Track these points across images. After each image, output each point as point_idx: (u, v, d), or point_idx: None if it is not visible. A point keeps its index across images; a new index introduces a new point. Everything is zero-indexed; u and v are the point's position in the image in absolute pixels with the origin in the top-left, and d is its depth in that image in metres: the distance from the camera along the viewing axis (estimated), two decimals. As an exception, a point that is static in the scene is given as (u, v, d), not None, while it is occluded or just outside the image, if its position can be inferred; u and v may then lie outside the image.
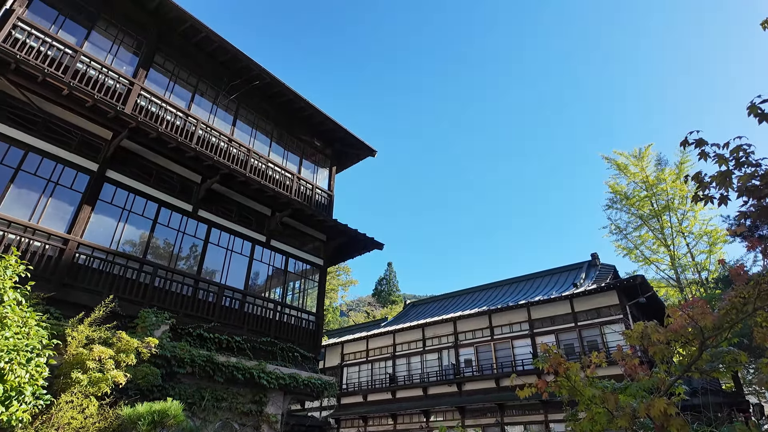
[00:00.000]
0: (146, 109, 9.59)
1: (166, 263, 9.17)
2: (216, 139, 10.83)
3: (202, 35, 10.61)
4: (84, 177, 8.26)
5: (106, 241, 8.32)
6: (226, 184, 10.22)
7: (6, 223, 7.04)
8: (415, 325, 24.08)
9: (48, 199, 7.72)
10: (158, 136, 8.74)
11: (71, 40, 8.86)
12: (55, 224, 7.68)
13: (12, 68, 7.30)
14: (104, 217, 8.41)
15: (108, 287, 7.90)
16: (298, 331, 11.22)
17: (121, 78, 9.33)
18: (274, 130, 12.68)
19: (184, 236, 9.60)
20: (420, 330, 24.31)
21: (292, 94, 12.24)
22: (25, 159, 7.63)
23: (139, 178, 9.10)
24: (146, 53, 10.03)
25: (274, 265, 11.49)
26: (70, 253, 7.59)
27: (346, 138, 14.07)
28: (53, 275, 7.33)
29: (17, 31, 7.99)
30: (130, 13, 9.96)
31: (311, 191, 13.01)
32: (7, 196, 7.23)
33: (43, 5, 8.66)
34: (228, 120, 11.47)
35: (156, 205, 9.21)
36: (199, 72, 11.07)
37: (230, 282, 10.11)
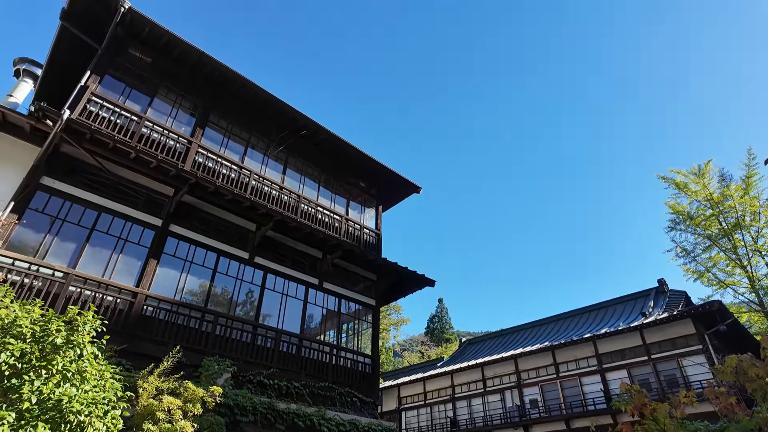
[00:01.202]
0: (204, 164, 10.19)
1: (225, 310, 9.42)
2: (268, 188, 11.26)
3: (251, 92, 11.28)
4: (150, 232, 8.78)
5: (171, 292, 8.69)
6: (279, 230, 10.53)
7: (83, 280, 7.53)
8: (473, 364, 23.10)
9: (119, 255, 8.23)
10: (216, 190, 9.22)
11: (136, 108, 9.67)
12: (125, 279, 8.14)
13: (87, 138, 8.03)
14: (168, 269, 8.83)
15: (173, 337, 8.17)
16: (354, 374, 11.05)
17: (181, 138, 10.01)
18: (321, 175, 13.05)
19: (241, 283, 9.87)
20: (479, 369, 23.28)
21: (336, 139, 12.64)
22: (98, 219, 8.23)
23: (199, 230, 9.55)
24: (202, 113, 10.76)
25: (327, 307, 11.53)
26: (139, 305, 7.97)
27: (391, 177, 14.24)
28: (124, 328, 7.68)
29: (91, 105, 8.83)
30: (187, 79, 10.79)
31: (359, 231, 13.13)
32: (83, 255, 7.78)
33: (112, 80, 9.57)
34: (278, 169, 11.95)
35: (215, 254, 9.59)
36: (250, 126, 11.70)
37: (286, 326, 10.20)
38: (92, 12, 9.22)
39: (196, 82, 10.91)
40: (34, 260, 7.23)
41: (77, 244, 7.86)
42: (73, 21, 9.36)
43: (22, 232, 7.41)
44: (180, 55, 10.43)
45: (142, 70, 10.07)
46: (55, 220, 7.78)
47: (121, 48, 9.75)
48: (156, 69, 10.28)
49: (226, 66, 10.60)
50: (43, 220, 7.67)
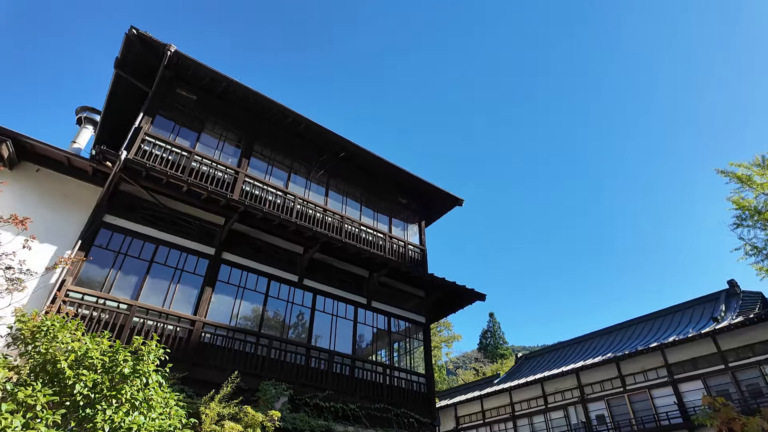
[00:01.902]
0: (251, 193, 10.53)
1: (278, 334, 9.56)
2: (312, 211, 11.46)
3: (290, 120, 11.61)
4: (204, 261, 9.11)
5: (226, 318, 8.93)
6: (325, 251, 10.65)
7: (145, 311, 7.89)
8: (532, 380, 22.13)
9: (176, 285, 8.58)
10: (263, 216, 9.48)
11: (186, 143, 10.19)
12: (183, 307, 8.45)
13: (143, 176, 8.51)
14: (223, 296, 9.09)
15: (230, 362, 8.35)
16: (409, 394, 10.85)
17: (228, 169, 10.42)
18: (363, 194, 13.16)
19: (292, 306, 10.02)
20: (539, 385, 22.27)
21: (375, 159, 12.75)
22: (157, 252, 8.64)
23: (250, 256, 9.82)
24: (246, 144, 11.18)
25: (376, 326, 11.46)
26: (197, 333, 8.23)
27: (431, 192, 14.15)
28: (185, 355, 7.93)
29: (145, 144, 9.38)
30: (230, 113, 11.28)
31: (404, 248, 13.06)
32: (145, 287, 8.17)
33: (163, 119, 10.14)
34: (321, 192, 12.16)
35: (266, 279, 9.81)
36: (292, 153, 12.02)
37: (338, 347, 10.21)
38: (142, 58, 9.87)
39: (239, 115, 11.38)
40: (101, 294, 7.66)
41: (139, 276, 8.27)
42: (125, 68, 10.06)
43: (90, 268, 7.87)
44: (222, 92, 10.94)
45: (189, 107, 10.63)
46: (117, 255, 8.24)
47: (169, 89, 10.36)
48: (202, 106, 10.82)
49: (266, 97, 11.00)
50: (107, 255, 8.14)
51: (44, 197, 8.08)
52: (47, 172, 8.32)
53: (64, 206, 8.21)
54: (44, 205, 7.96)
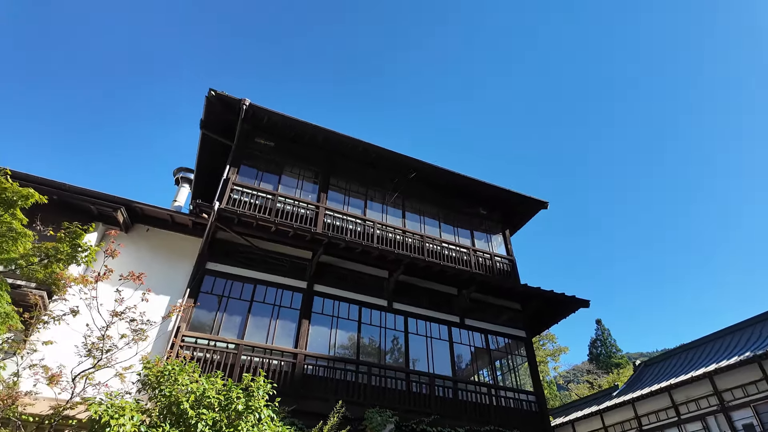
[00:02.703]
0: (332, 224, 10.88)
1: (375, 360, 9.59)
2: (392, 234, 11.53)
3: (360, 149, 11.92)
4: (298, 295, 9.50)
5: (324, 348, 9.16)
6: (410, 273, 10.60)
7: (251, 348, 8.35)
8: (657, 389, 19.84)
9: (276, 320, 9.01)
10: (346, 246, 9.72)
11: (269, 187, 10.85)
12: (284, 342, 8.82)
13: (235, 222, 9.17)
14: (319, 327, 9.37)
15: (334, 392, 8.49)
16: (519, 414, 10.22)
17: (309, 205, 10.89)
18: (440, 211, 13.01)
19: (385, 331, 10.03)
20: (666, 395, 19.88)
21: (446, 174, 12.61)
22: (255, 291, 9.18)
23: (339, 286, 10.07)
24: (323, 179, 11.64)
25: (474, 344, 11.06)
26: (300, 365, 8.51)
27: (512, 198, 13.61)
28: (290, 388, 8.21)
29: (234, 193, 10.14)
30: (306, 152, 11.85)
31: (490, 261, 12.59)
32: (248, 325, 8.68)
33: (247, 168, 10.93)
34: (397, 214, 12.23)
35: (357, 306, 9.97)
36: (366, 180, 12.28)
37: (437, 369, 9.97)
38: (223, 116, 10.80)
39: (313, 153, 11.92)
40: (212, 336, 8.26)
41: (242, 316, 8.82)
42: (209, 127, 11.06)
43: (199, 313, 8.55)
44: (295, 135, 11.57)
45: (268, 153, 11.37)
46: (221, 298, 8.88)
47: (248, 139, 11.18)
48: (279, 150, 11.52)
49: (335, 132, 11.44)
50: (212, 300, 8.81)
51: (155, 253, 9.01)
52: (155, 231, 9.31)
53: (172, 259, 9.08)
54: (155, 259, 8.87)
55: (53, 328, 6.32)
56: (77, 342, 6.22)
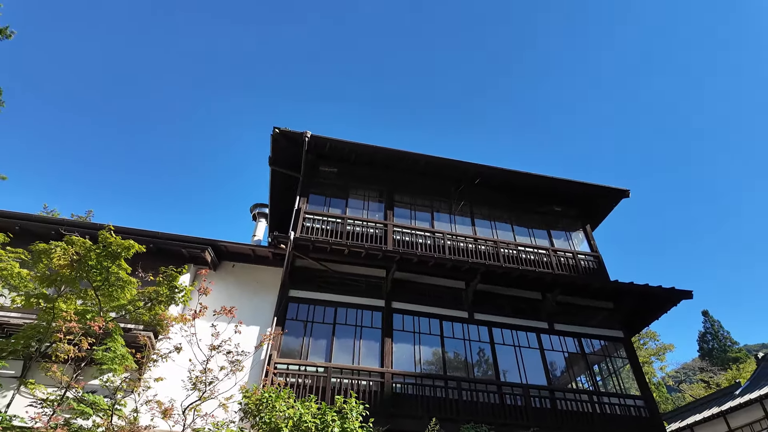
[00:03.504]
0: (402, 240, 10.91)
1: (463, 374, 9.36)
2: (463, 244, 11.32)
3: (421, 163, 11.93)
4: (377, 314, 9.59)
5: (410, 365, 9.10)
6: (487, 281, 10.31)
7: (339, 370, 8.52)
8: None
9: (359, 341, 9.14)
10: (418, 260, 9.69)
11: (337, 211, 11.17)
12: (369, 361, 8.90)
13: (311, 249, 9.51)
14: (402, 344, 9.35)
15: (425, 410, 8.37)
16: (626, 421, 9.42)
17: (377, 224, 11.04)
18: (511, 214, 12.58)
19: (470, 343, 9.78)
20: (801, 389, 17.39)
21: (511, 175, 12.23)
22: (336, 313, 9.41)
23: (417, 301, 10.02)
24: (387, 197, 11.77)
25: (566, 350, 10.44)
26: (388, 384, 8.52)
27: (588, 191, 12.86)
28: (381, 408, 8.22)
29: (306, 222, 10.54)
30: (368, 173, 12.07)
31: (573, 260, 11.90)
32: (334, 348, 8.88)
33: (315, 196, 11.34)
34: (466, 222, 12.00)
35: (437, 320, 9.84)
36: (430, 192, 12.23)
37: (530, 380, 9.51)
38: (288, 150, 11.35)
39: (375, 173, 12.11)
40: (301, 361, 8.55)
41: (327, 339, 9.05)
42: (277, 163, 11.67)
43: (287, 340, 8.90)
44: (356, 158, 11.87)
45: (332, 179, 11.74)
46: (306, 324, 9.19)
47: (313, 168, 11.63)
48: (343, 175, 11.85)
49: (394, 149, 11.58)
50: (298, 326, 9.14)
51: (242, 286, 9.57)
52: (240, 265, 9.91)
53: (258, 290, 9.59)
54: (243, 292, 9.41)
55: (162, 365, 6.88)
56: (183, 376, 6.71)
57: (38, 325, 6.35)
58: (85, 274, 6.48)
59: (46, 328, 6.26)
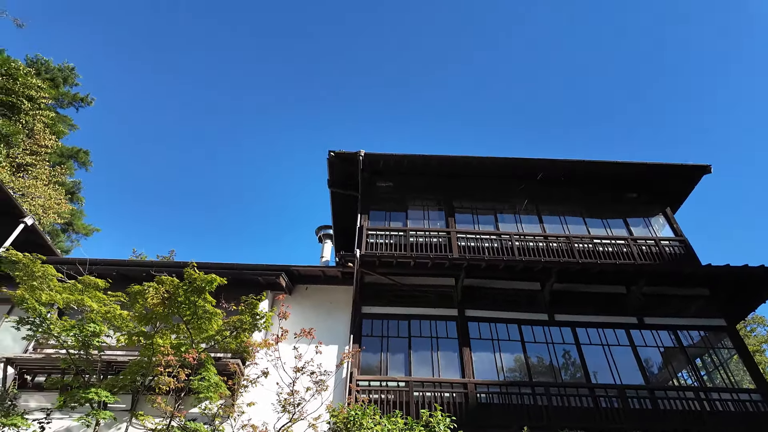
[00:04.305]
0: (467, 246, 10.69)
1: (550, 379, 8.94)
2: (533, 243, 10.89)
3: (475, 165, 11.71)
4: (452, 324, 9.44)
5: (492, 374, 8.84)
6: (564, 280, 9.83)
7: (420, 383, 8.45)
8: None
9: (437, 352, 9.03)
10: (487, 265, 9.46)
11: (398, 224, 11.22)
12: (450, 373, 8.76)
13: (377, 264, 9.60)
14: (481, 352, 9.12)
15: (514, 418, 8.06)
16: (739, 418, 8.48)
17: (440, 233, 10.93)
18: (580, 206, 11.94)
19: (553, 346, 9.34)
20: None
21: (576, 164, 11.66)
22: (410, 326, 9.38)
23: (491, 307, 9.75)
24: (446, 204, 11.64)
25: (662, 345, 9.66)
26: (472, 394, 8.32)
27: (662, 171, 11.96)
28: (467, 419, 8.02)
29: (369, 238, 10.67)
30: (424, 182, 12.04)
31: (656, 246, 11.04)
32: (412, 362, 8.84)
33: (375, 212, 11.47)
34: (533, 221, 11.56)
35: (515, 325, 9.50)
36: (491, 195, 11.94)
37: (625, 380, 8.88)
38: (345, 171, 11.64)
39: (431, 181, 12.06)
40: (382, 377, 8.58)
41: (404, 353, 9.03)
42: (336, 185, 11.98)
43: (365, 357, 8.98)
44: (411, 169, 11.88)
45: (390, 194, 11.84)
46: (382, 339, 9.24)
47: (370, 185, 11.79)
48: (399, 188, 11.92)
49: (447, 155, 11.50)
50: (374, 341, 9.21)
51: (316, 307, 9.84)
52: (313, 287, 10.21)
53: (331, 310, 9.82)
54: (318, 313, 9.66)
55: (252, 390, 7.21)
56: (272, 399, 6.98)
57: (141, 360, 6.90)
58: (175, 309, 6.98)
59: (148, 363, 6.79)
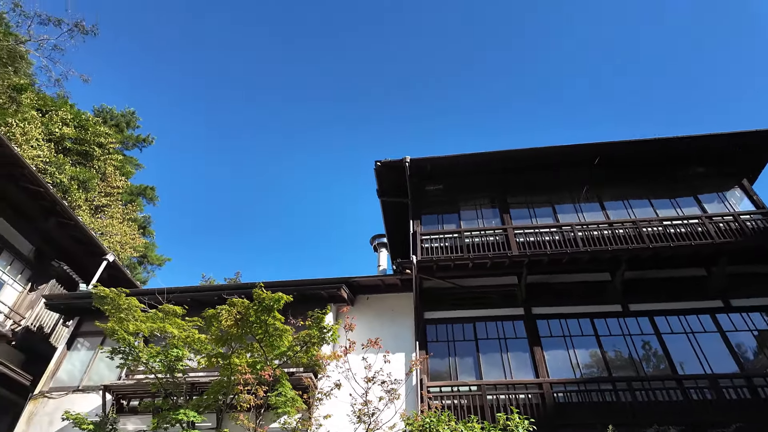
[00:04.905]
0: (525, 242, 10.32)
1: (631, 373, 8.46)
2: (596, 232, 10.31)
3: (527, 157, 11.33)
4: (519, 323, 9.21)
5: (568, 372, 8.50)
6: (635, 267, 9.33)
7: (492, 386, 8.28)
8: None
9: (506, 353, 8.83)
10: (549, 259, 9.15)
11: (452, 226, 11.08)
12: (522, 373, 8.52)
13: (434, 269, 9.57)
14: (553, 350, 8.81)
15: (595, 417, 7.68)
16: None
17: (495, 231, 10.64)
18: (644, 188, 11.24)
19: (631, 338, 8.85)
20: None
21: (637, 144, 11.00)
22: (476, 329, 9.24)
23: (559, 303, 9.41)
24: (500, 201, 11.36)
25: (755, 328, 8.89)
26: (549, 394, 8.04)
27: (730, 142, 11.02)
28: (545, 420, 7.73)
29: (424, 243, 10.59)
30: (474, 181, 11.81)
31: (735, 222, 10.13)
32: (482, 364, 8.70)
33: (427, 216, 11.43)
34: (594, 208, 11.02)
35: (587, 319, 9.11)
36: (546, 187, 11.47)
37: (716, 368, 8.25)
38: (392, 179, 11.70)
39: (481, 180, 11.79)
40: (452, 382, 8.51)
41: (472, 356, 8.91)
42: (385, 194, 12.07)
43: (433, 362, 8.94)
44: (458, 169, 11.73)
45: (440, 197, 11.76)
46: (448, 343, 9.17)
47: (419, 190, 11.75)
48: (449, 189, 11.80)
49: (495, 151, 11.23)
50: (440, 347, 9.16)
51: (379, 317, 9.92)
52: (373, 297, 10.33)
53: (394, 318, 9.86)
54: (381, 322, 9.74)
55: (326, 403, 7.38)
56: (346, 411, 7.10)
57: (221, 380, 7.28)
58: (248, 329, 7.31)
59: (228, 382, 7.14)
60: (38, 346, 11.41)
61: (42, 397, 9.28)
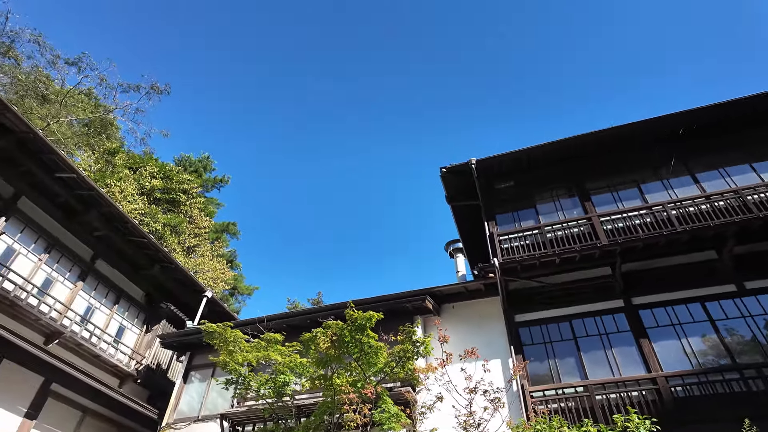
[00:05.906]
0: (613, 229, 9.68)
1: (759, 358, 7.62)
2: (692, 208, 9.45)
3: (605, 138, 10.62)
4: (619, 315, 8.68)
5: (683, 363, 7.85)
6: (744, 241, 8.46)
7: (600, 385, 7.82)
8: None
9: (610, 350, 8.33)
10: (644, 244, 8.56)
11: (530, 223, 10.67)
12: (631, 369, 7.99)
13: (519, 269, 9.30)
14: (663, 341, 8.18)
15: (723, 410, 7.01)
16: None
17: (579, 221, 10.08)
18: (741, 152, 10.12)
19: (752, 319, 8.00)
20: None
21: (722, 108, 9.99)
22: (573, 327, 8.83)
23: (661, 289, 8.74)
24: (578, 189, 10.77)
25: None
26: (665, 389, 7.46)
27: None
28: (664, 417, 7.14)
29: (503, 243, 10.24)
30: (547, 172, 11.29)
31: None
32: (585, 363, 8.27)
33: (501, 215, 11.09)
34: (686, 182, 10.12)
35: (697, 303, 8.38)
36: (628, 167, 10.69)
37: None
38: (460, 183, 11.59)
39: (555, 169, 11.25)
40: (555, 385, 8.17)
41: (573, 356, 8.51)
42: (454, 198, 11.97)
43: (531, 366, 8.61)
44: (528, 163, 11.33)
45: (512, 193, 11.43)
46: (545, 345, 8.84)
47: (490, 190, 11.50)
48: (521, 185, 11.43)
49: (567, 138, 10.69)
50: (537, 349, 8.85)
51: (466, 324, 9.80)
52: (458, 304, 10.23)
53: (481, 324, 9.70)
54: (471, 330, 9.60)
55: (429, 416, 7.39)
56: (450, 423, 7.07)
57: (326, 401, 7.56)
58: (344, 349, 7.56)
59: (332, 403, 7.40)
60: (159, 381, 12.60)
61: (169, 428, 10.22)
